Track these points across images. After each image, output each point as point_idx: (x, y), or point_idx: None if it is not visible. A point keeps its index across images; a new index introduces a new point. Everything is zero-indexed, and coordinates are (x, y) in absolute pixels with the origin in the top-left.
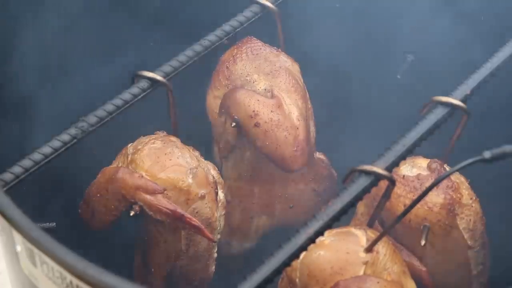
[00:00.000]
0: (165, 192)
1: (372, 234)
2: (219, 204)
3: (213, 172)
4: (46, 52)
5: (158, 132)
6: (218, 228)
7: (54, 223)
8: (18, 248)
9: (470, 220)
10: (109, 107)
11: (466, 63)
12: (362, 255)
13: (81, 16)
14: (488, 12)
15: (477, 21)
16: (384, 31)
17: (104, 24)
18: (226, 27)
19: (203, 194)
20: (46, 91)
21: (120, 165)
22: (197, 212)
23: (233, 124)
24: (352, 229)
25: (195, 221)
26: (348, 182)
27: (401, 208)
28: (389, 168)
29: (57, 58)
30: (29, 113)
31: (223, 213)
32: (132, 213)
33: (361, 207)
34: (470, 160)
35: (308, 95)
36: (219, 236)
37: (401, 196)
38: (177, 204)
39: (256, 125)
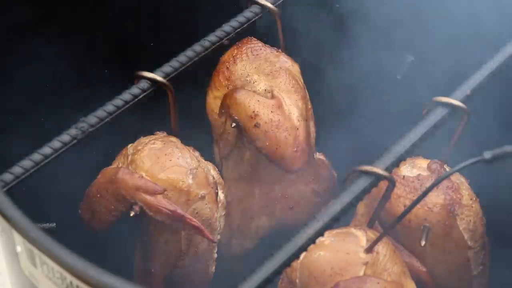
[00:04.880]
0: (165, 192)
1: (372, 235)
2: (219, 205)
3: (213, 172)
4: (45, 52)
5: (158, 132)
6: (218, 228)
7: (54, 223)
8: (18, 248)
9: (470, 220)
10: (109, 107)
11: (466, 63)
12: (362, 255)
13: (82, 16)
14: (488, 12)
15: (477, 21)
16: (384, 31)
17: (104, 24)
18: (226, 27)
19: (203, 194)
20: (46, 91)
21: (120, 165)
22: (197, 213)
23: (233, 124)
24: (352, 230)
25: (195, 222)
26: (348, 183)
27: (401, 209)
28: (389, 169)
29: (57, 59)
30: (29, 113)
31: (223, 213)
32: (132, 214)
33: (361, 208)
34: (470, 161)
35: (308, 96)
36: (219, 237)
37: (401, 197)
38: (177, 205)
39: (256, 125)
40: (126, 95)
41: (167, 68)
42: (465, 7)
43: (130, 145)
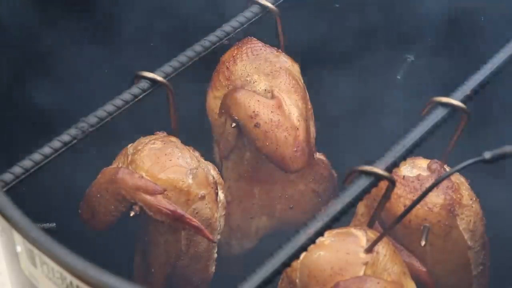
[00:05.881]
0: (165, 192)
1: (372, 235)
2: (219, 205)
3: (213, 172)
4: (46, 52)
5: (158, 132)
6: (218, 228)
7: (54, 223)
8: (18, 248)
9: (470, 220)
10: (109, 107)
11: (466, 63)
12: (362, 255)
13: (81, 15)
14: (488, 12)
15: (477, 21)
16: (384, 31)
17: (104, 24)
18: (226, 27)
19: (203, 194)
20: (46, 91)
21: (120, 165)
22: (197, 213)
23: (233, 124)
24: (352, 230)
25: (195, 222)
26: (348, 183)
27: (401, 209)
28: (389, 169)
29: (56, 59)
30: (29, 113)
31: (223, 213)
32: (132, 214)
33: (361, 208)
34: (470, 161)
35: (308, 96)
36: (219, 237)
37: (401, 197)
38: (177, 205)
39: (256, 125)
40: (126, 95)
41: (167, 68)
42: (465, 7)
43: (130, 145)
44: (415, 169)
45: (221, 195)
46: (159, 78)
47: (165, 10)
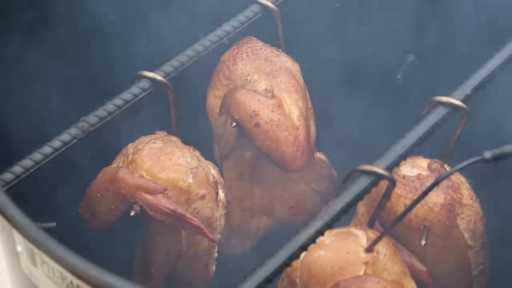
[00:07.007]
0: (166, 192)
1: (373, 234)
2: (220, 204)
3: (214, 172)
4: (45, 51)
5: (158, 132)
6: (219, 228)
7: (54, 223)
8: (19, 248)
9: (470, 220)
10: (110, 107)
11: (466, 63)
12: (363, 255)
13: (81, 16)
14: (489, 12)
15: (478, 21)
16: (384, 31)
17: (104, 24)
18: (227, 27)
19: (203, 194)
20: (46, 90)
21: (120, 165)
22: (197, 212)
23: (234, 124)
24: (353, 229)
25: (196, 221)
26: (348, 182)
27: (401, 208)
28: (390, 168)
29: (56, 58)
30: (29, 113)
31: (223, 213)
32: (132, 213)
33: (361, 207)
34: (470, 160)
35: (308, 95)
36: (219, 236)
37: (402, 196)
38: (178, 204)
39: (257, 125)
40: (126, 95)
41: (167, 67)
42: (466, 7)
43: (130, 144)
44: (415, 169)
45: (221, 195)
46: (159, 77)
47: (165, 10)
